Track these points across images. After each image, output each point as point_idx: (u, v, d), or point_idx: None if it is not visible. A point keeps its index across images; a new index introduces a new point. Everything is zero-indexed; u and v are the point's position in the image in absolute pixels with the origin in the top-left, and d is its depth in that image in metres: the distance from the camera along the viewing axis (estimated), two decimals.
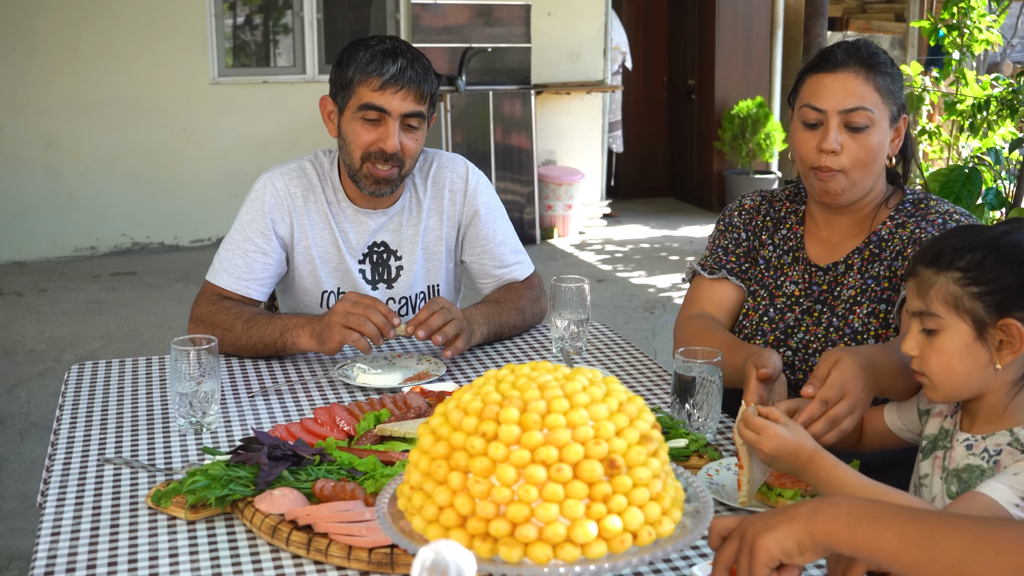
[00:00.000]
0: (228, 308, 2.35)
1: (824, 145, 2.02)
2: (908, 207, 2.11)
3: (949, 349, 1.57)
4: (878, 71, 2.03)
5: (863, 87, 2.02)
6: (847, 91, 2.02)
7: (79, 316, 6.16)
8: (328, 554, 1.46)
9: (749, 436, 1.58)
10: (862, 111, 2.01)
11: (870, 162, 2.04)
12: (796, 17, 9.00)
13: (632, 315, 6.18)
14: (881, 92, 2.03)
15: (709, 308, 2.25)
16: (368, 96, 2.32)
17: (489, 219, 2.56)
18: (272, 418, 2.01)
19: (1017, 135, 5.12)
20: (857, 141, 2.02)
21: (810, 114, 2.05)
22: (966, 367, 1.57)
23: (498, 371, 1.29)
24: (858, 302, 2.07)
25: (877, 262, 2.08)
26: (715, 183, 9.31)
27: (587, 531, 1.15)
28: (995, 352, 1.55)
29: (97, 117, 7.46)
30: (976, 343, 1.55)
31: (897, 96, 2.06)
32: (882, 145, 2.05)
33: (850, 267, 2.11)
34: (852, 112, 2.01)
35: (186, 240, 7.83)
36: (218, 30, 7.70)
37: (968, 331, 1.55)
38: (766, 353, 1.83)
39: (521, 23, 8.07)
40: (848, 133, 2.02)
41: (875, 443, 1.87)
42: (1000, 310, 1.53)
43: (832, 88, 2.03)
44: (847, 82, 2.02)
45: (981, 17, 5.32)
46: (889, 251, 2.07)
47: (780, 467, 1.58)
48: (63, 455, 1.85)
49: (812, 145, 2.05)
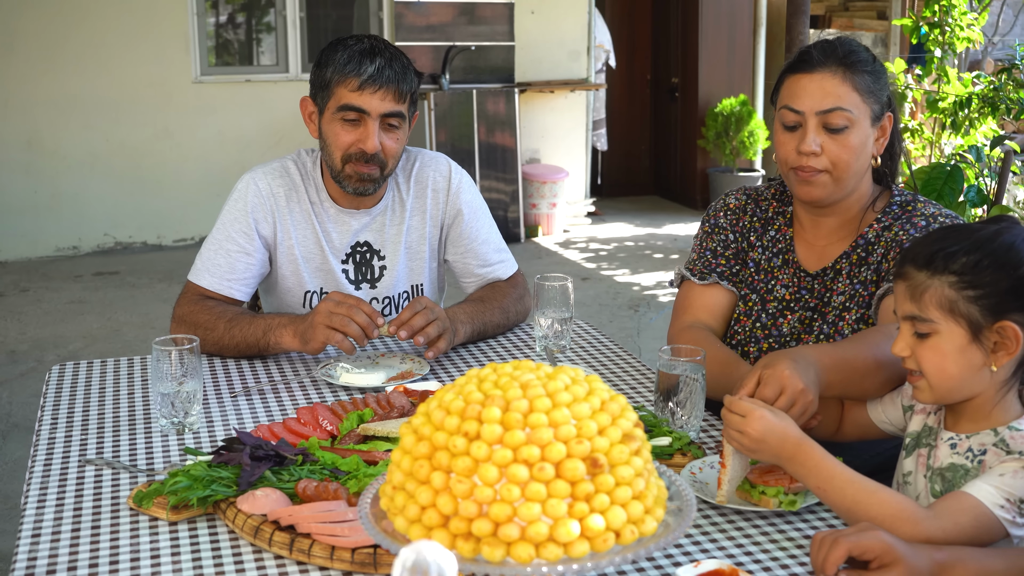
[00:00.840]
0: (210, 308, 2.34)
1: (803, 147, 2.01)
2: (895, 209, 2.09)
3: (943, 351, 1.57)
4: (856, 69, 2.00)
5: (840, 87, 1.99)
6: (824, 92, 2.00)
7: (61, 316, 6.13)
8: (311, 554, 1.45)
9: (735, 420, 1.57)
10: (840, 111, 1.99)
11: (852, 162, 2.02)
12: (779, 15, 9.01)
13: (616, 313, 6.18)
14: (860, 91, 2.00)
15: (702, 316, 2.21)
16: (347, 97, 2.31)
17: (472, 218, 2.56)
18: (255, 418, 2.01)
19: (998, 132, 5.14)
20: (837, 142, 2.00)
21: (789, 116, 2.04)
22: (960, 369, 1.57)
23: (480, 370, 1.29)
24: (847, 308, 2.07)
25: (864, 266, 2.07)
26: (699, 181, 9.33)
27: (570, 530, 1.15)
28: (990, 354, 1.56)
29: (79, 116, 7.43)
30: (971, 345, 1.56)
31: (879, 94, 2.04)
32: (864, 145, 2.03)
33: (839, 272, 2.10)
34: (830, 113, 1.99)
35: (169, 239, 7.80)
36: (200, 29, 7.67)
37: (963, 334, 1.55)
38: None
39: (505, 21, 8.07)
40: (827, 134, 2.00)
41: (854, 434, 1.88)
42: (995, 313, 1.53)
43: (809, 89, 2.01)
44: (824, 82, 2.00)
45: (963, 15, 5.35)
46: (875, 255, 2.06)
47: (765, 456, 1.57)
48: (44, 456, 1.84)
49: (792, 147, 2.04)
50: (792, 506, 1.59)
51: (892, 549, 1.35)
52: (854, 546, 1.36)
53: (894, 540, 1.36)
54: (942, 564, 1.38)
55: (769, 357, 1.73)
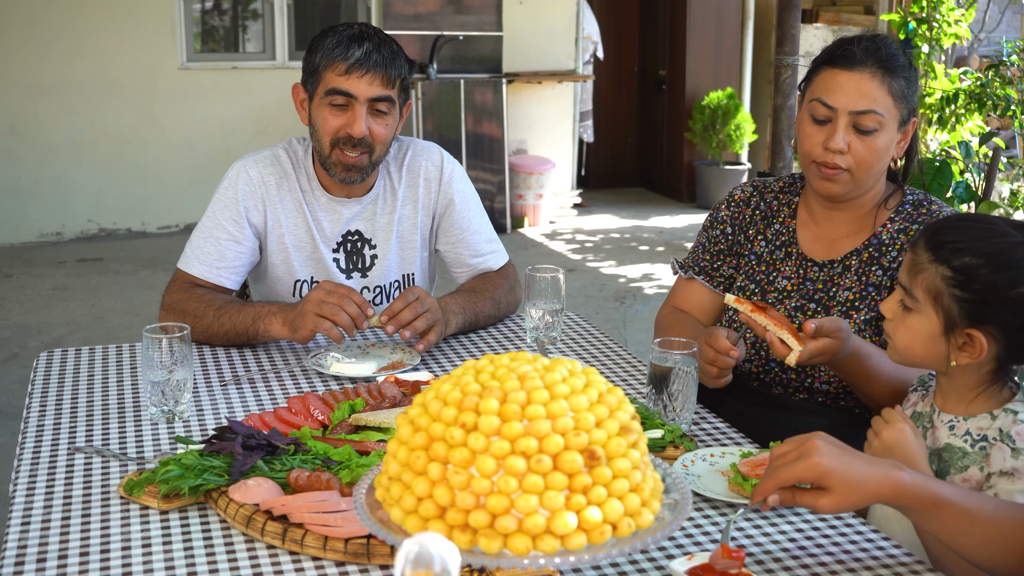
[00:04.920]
0: (200, 296, 2.33)
1: (831, 144, 2.00)
2: (908, 208, 2.11)
3: (916, 331, 1.62)
4: (895, 74, 2.00)
5: (877, 89, 1.98)
6: (860, 92, 1.98)
7: (45, 303, 6.09)
8: (304, 544, 1.45)
9: (879, 423, 1.59)
10: (872, 114, 1.99)
11: (874, 164, 2.02)
12: (767, 8, 9.02)
13: (603, 305, 6.19)
14: (894, 96, 2.00)
15: (683, 306, 2.32)
16: (334, 81, 2.30)
17: (464, 208, 2.55)
18: (246, 407, 2.00)
19: (984, 129, 5.16)
20: (864, 143, 2.00)
21: (820, 109, 2.03)
22: (926, 352, 1.62)
23: (477, 361, 1.29)
24: (855, 307, 2.07)
25: (876, 266, 2.08)
26: (685, 173, 9.34)
27: (567, 522, 1.14)
28: (955, 351, 1.59)
29: (62, 102, 7.37)
30: (941, 337, 1.60)
31: (910, 99, 2.03)
32: (888, 148, 2.03)
33: (848, 268, 2.10)
34: (862, 115, 1.99)
35: (153, 226, 7.76)
36: (187, 15, 7.62)
37: (938, 324, 1.59)
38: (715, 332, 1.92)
39: (492, 11, 8.05)
40: (856, 134, 2.00)
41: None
42: (972, 319, 1.56)
43: (846, 87, 1.99)
44: (862, 83, 1.99)
45: (950, 11, 5.36)
46: (888, 257, 2.07)
47: (877, 452, 1.56)
48: (33, 444, 1.82)
49: (818, 140, 2.03)
50: None
51: (828, 473, 1.36)
52: (787, 478, 1.38)
53: (831, 464, 1.36)
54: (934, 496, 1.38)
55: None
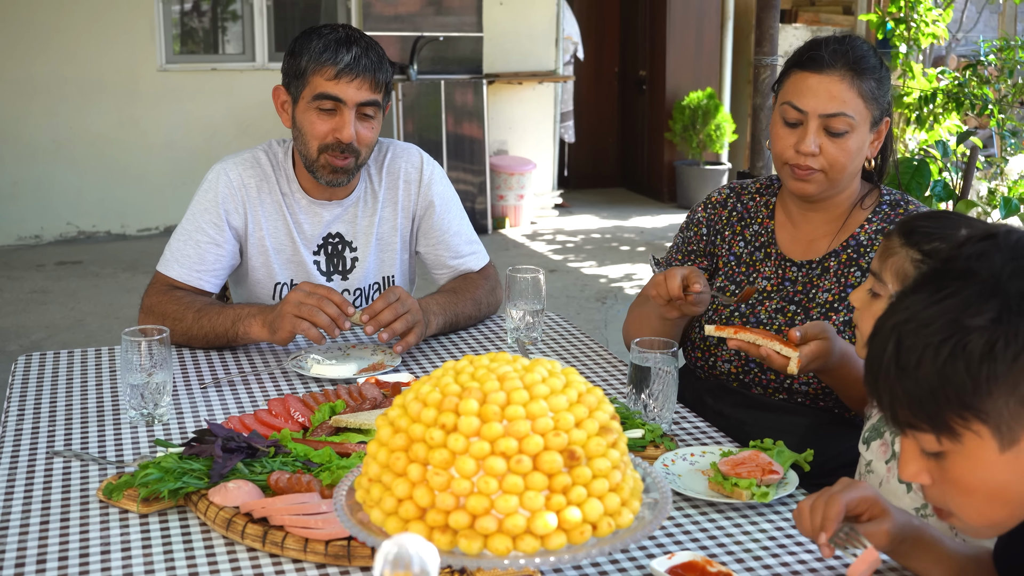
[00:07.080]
0: (179, 298, 2.32)
1: (802, 147, 2.02)
2: (885, 208, 2.12)
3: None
4: (864, 76, 2.01)
5: (847, 92, 2.00)
6: (830, 95, 2.00)
7: (23, 306, 6.05)
8: (284, 547, 1.44)
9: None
10: (843, 117, 2.00)
11: (847, 164, 2.04)
12: (746, 9, 9.05)
13: (584, 305, 6.20)
14: (864, 97, 2.01)
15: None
16: (323, 86, 2.29)
17: (444, 209, 2.55)
18: (225, 410, 1.99)
19: (962, 128, 5.20)
20: (836, 145, 2.02)
21: (791, 112, 2.04)
22: None
23: (457, 362, 1.29)
24: (835, 308, 2.08)
25: (855, 267, 2.09)
26: (666, 173, 9.36)
27: (547, 522, 1.15)
28: None
29: (41, 103, 7.33)
30: None
31: (881, 100, 2.05)
32: (860, 149, 2.05)
33: (827, 269, 2.11)
34: (833, 117, 2.00)
35: (133, 229, 7.73)
36: (166, 16, 7.59)
37: None
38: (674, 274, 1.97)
39: (473, 12, 8.05)
40: (827, 136, 2.02)
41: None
42: None
43: (816, 90, 2.01)
44: (831, 86, 2.00)
45: (928, 11, 5.40)
46: (867, 259, 2.08)
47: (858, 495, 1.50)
48: (11, 447, 1.81)
49: (790, 143, 2.05)
50: (764, 498, 1.60)
51: (879, 501, 1.37)
52: (850, 500, 1.37)
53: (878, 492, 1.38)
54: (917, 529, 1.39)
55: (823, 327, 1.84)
